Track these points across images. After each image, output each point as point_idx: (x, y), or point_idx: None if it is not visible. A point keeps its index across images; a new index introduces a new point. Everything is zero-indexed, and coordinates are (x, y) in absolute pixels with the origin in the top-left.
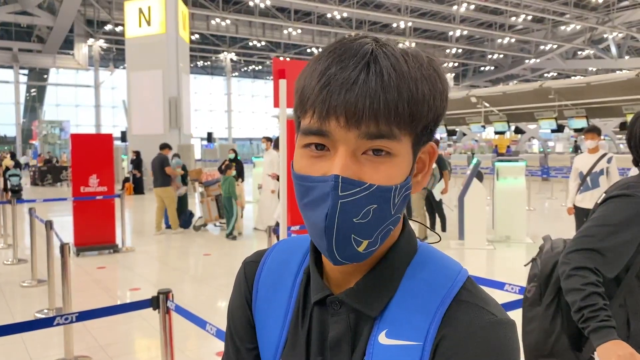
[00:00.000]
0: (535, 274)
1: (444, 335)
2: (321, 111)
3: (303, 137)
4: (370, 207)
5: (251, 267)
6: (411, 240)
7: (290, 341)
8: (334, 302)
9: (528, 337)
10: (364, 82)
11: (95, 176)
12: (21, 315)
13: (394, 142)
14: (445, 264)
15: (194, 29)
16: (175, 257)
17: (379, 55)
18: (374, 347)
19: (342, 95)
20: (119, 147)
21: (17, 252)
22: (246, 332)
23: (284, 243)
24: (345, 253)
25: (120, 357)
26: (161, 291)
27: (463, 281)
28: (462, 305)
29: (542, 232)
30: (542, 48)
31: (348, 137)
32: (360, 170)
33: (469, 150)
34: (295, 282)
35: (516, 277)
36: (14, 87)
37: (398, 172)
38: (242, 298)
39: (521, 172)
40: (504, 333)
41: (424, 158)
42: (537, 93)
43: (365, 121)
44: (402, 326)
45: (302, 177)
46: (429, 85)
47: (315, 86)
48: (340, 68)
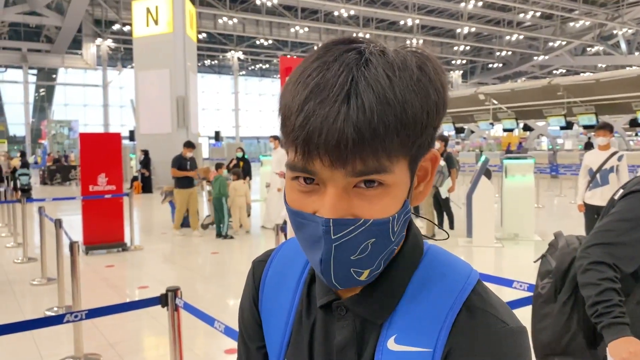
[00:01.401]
0: (548, 270)
1: (454, 343)
2: (304, 150)
3: (290, 171)
4: (367, 242)
5: (259, 267)
6: (417, 244)
7: (293, 342)
8: (339, 307)
9: (540, 334)
10: (345, 119)
11: (103, 175)
12: (31, 313)
13: (386, 175)
14: (454, 267)
15: (201, 28)
16: (183, 255)
17: (359, 83)
18: (383, 353)
19: (323, 135)
20: (127, 146)
21: (27, 251)
22: (254, 331)
23: (291, 242)
24: (347, 284)
25: (129, 355)
26: (170, 289)
27: (473, 285)
28: (472, 311)
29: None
30: (550, 45)
31: (335, 176)
32: (352, 206)
33: (477, 147)
34: (300, 282)
35: (524, 274)
36: (23, 87)
37: (393, 202)
38: (250, 298)
39: (530, 169)
40: (514, 341)
41: (425, 166)
42: (546, 90)
43: (351, 160)
44: (411, 332)
45: (294, 212)
46: (420, 102)
47: (295, 121)
48: (319, 102)
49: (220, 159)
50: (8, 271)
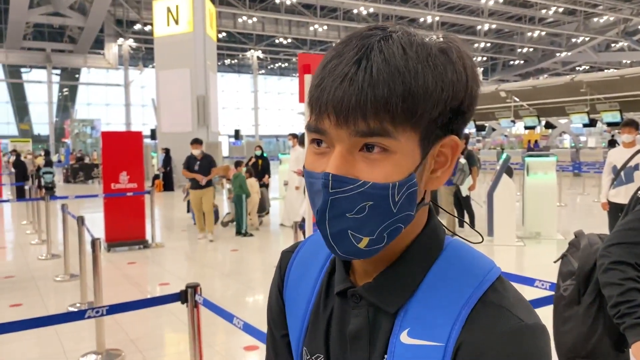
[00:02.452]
0: (570, 271)
1: (465, 339)
2: (317, 109)
3: (307, 134)
4: (365, 203)
5: (286, 257)
6: (436, 235)
7: (311, 329)
8: (354, 295)
9: (564, 337)
10: (352, 79)
11: (125, 173)
12: (55, 308)
13: (389, 140)
14: (475, 262)
15: (221, 27)
16: (203, 252)
17: (373, 50)
18: (396, 346)
19: (331, 93)
20: (149, 145)
21: (51, 248)
22: (280, 319)
23: (318, 235)
24: (344, 248)
25: (149, 351)
26: (189, 285)
27: (492, 280)
28: (487, 306)
29: (573, 229)
30: (573, 41)
31: (341, 135)
32: (355, 167)
33: (498, 145)
34: (322, 272)
35: (546, 273)
36: (47, 87)
37: (396, 169)
38: (276, 286)
39: (552, 167)
40: (530, 339)
41: (445, 152)
42: (569, 87)
43: (354, 119)
44: (424, 325)
45: (307, 172)
46: (434, 77)
47: (313, 84)
48: (336, 64)
49: (240, 157)
50: (33, 268)
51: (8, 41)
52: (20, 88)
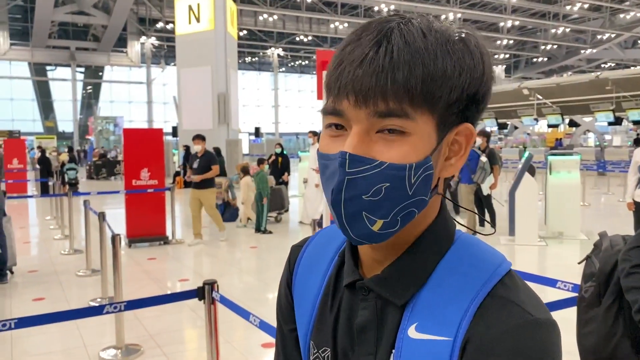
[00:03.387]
0: (592, 273)
1: (473, 333)
2: (335, 90)
3: (324, 118)
4: (381, 185)
5: (295, 251)
6: (446, 228)
7: (318, 323)
8: (362, 287)
9: (585, 339)
10: (372, 59)
11: (146, 170)
12: (76, 303)
13: (407, 121)
14: (485, 256)
15: (241, 25)
16: (222, 249)
17: (393, 32)
18: (404, 341)
19: (351, 73)
20: (170, 142)
21: (74, 243)
22: (288, 313)
23: (327, 229)
24: (358, 231)
25: (168, 346)
26: (207, 282)
27: (502, 275)
28: (496, 301)
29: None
30: (599, 37)
31: (359, 116)
32: (372, 148)
33: (520, 144)
34: (330, 265)
35: (569, 274)
36: (72, 85)
37: (413, 151)
38: (285, 280)
39: (575, 166)
40: (539, 334)
41: (459, 140)
42: (594, 84)
43: (374, 99)
44: (432, 320)
45: (322, 155)
46: (453, 62)
47: (332, 66)
48: (354, 48)
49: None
50: (56, 262)
51: (34, 40)
52: (45, 86)
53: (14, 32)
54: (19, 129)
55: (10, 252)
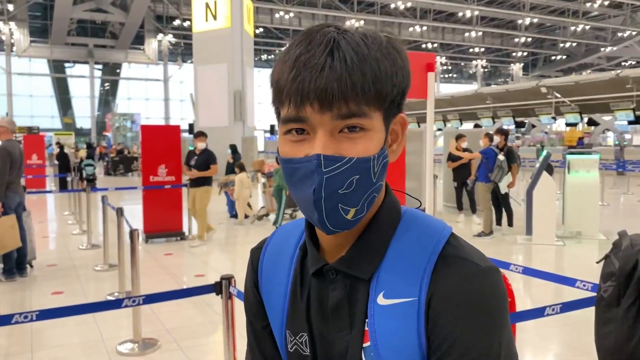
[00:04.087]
0: (611, 272)
1: (434, 289)
2: (296, 99)
3: (284, 126)
4: (353, 177)
5: (256, 253)
6: (395, 205)
7: (291, 313)
8: (330, 270)
9: (604, 340)
10: (330, 67)
11: (163, 166)
12: (94, 297)
13: (365, 119)
14: (429, 224)
15: (258, 22)
16: (239, 245)
17: (340, 42)
18: (375, 309)
19: (312, 82)
20: (187, 139)
21: (91, 238)
22: (259, 312)
23: (282, 228)
24: (335, 221)
25: (185, 341)
26: (224, 277)
27: (447, 237)
28: (447, 259)
29: (616, 229)
30: (619, 35)
31: (323, 120)
32: (339, 147)
33: (537, 142)
34: (293, 260)
35: (587, 274)
36: (90, 82)
37: (373, 144)
38: (251, 282)
39: (594, 165)
40: (486, 280)
41: (396, 129)
42: (613, 83)
43: (337, 103)
44: (396, 286)
45: (287, 160)
46: (389, 63)
47: (288, 77)
48: (308, 58)
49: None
50: (74, 257)
51: (53, 37)
52: (64, 82)
53: (33, 30)
54: (38, 125)
55: (30, 247)
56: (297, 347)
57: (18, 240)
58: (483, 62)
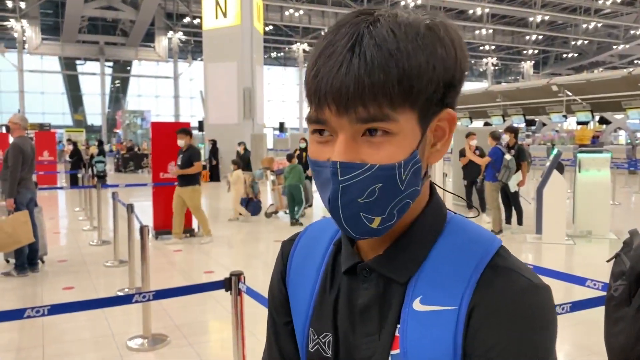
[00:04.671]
0: (622, 271)
1: (478, 300)
2: (315, 101)
3: (309, 125)
4: (374, 186)
5: (287, 245)
6: (440, 210)
7: (317, 309)
8: (364, 268)
9: (613, 339)
10: (347, 67)
11: (173, 163)
12: (104, 292)
13: (389, 123)
14: (479, 233)
15: (267, 20)
16: (247, 242)
17: (364, 36)
18: (409, 314)
19: (328, 83)
20: (196, 136)
21: (102, 234)
22: (282, 306)
23: (318, 222)
24: (358, 230)
25: (194, 337)
26: (233, 273)
27: (497, 248)
28: (496, 270)
29: (627, 228)
30: (632, 32)
31: (342, 123)
32: (360, 152)
33: (548, 141)
34: (325, 254)
35: (598, 273)
36: (100, 79)
37: (400, 149)
38: (279, 274)
39: (606, 164)
40: (538, 297)
41: (442, 126)
42: (626, 81)
43: (354, 107)
44: (436, 292)
45: (313, 161)
46: (426, 56)
47: (310, 74)
48: (330, 53)
49: (285, 150)
50: (84, 253)
51: (64, 34)
52: (75, 80)
53: (45, 27)
54: (50, 121)
55: (41, 242)
56: (319, 347)
57: (31, 236)
58: (493, 59)
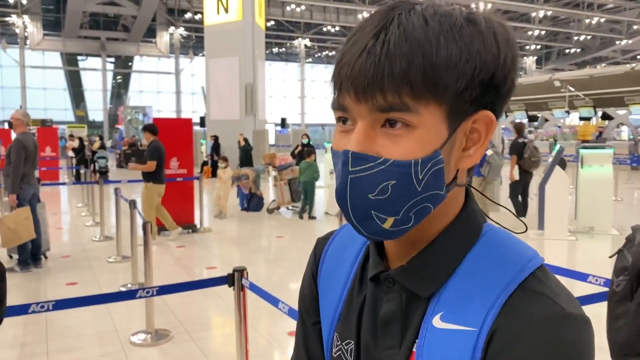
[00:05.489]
0: (624, 267)
1: (501, 324)
2: (337, 85)
3: (334, 112)
4: (387, 183)
5: (321, 244)
6: (473, 221)
7: (343, 315)
8: (387, 278)
9: (616, 334)
10: (369, 52)
11: (175, 159)
12: (107, 288)
13: (409, 114)
14: (516, 249)
15: (269, 15)
16: (250, 238)
17: (392, 23)
18: (428, 330)
19: (350, 68)
20: (198, 132)
21: (104, 230)
22: (312, 306)
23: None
24: (369, 229)
25: (197, 332)
26: (236, 269)
27: (533, 269)
28: (527, 293)
29: (629, 224)
30: (635, 28)
31: (361, 111)
32: (377, 143)
33: (551, 137)
34: (357, 258)
35: (600, 269)
36: (102, 75)
37: (419, 145)
38: (310, 272)
39: (608, 159)
40: (571, 328)
41: (478, 128)
42: (629, 76)
43: (372, 94)
44: (458, 310)
45: (333, 152)
46: (458, 47)
47: (337, 60)
48: (357, 39)
49: (286, 145)
50: (87, 249)
51: (66, 30)
52: (76, 75)
53: (46, 23)
54: (51, 117)
55: (44, 238)
56: (342, 353)
57: (32, 232)
58: None
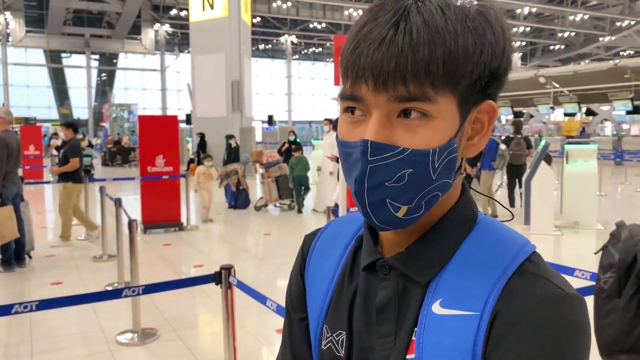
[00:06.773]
0: (611, 264)
1: (502, 306)
2: (352, 75)
3: (341, 102)
4: (404, 171)
5: (308, 239)
6: (470, 208)
7: (333, 306)
8: (383, 266)
9: (604, 331)
10: (391, 41)
11: (161, 157)
12: (93, 287)
13: (429, 104)
14: (511, 236)
15: (255, 12)
16: (237, 236)
17: (411, 11)
18: (427, 317)
19: (369, 57)
20: (184, 130)
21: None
22: (299, 301)
23: (341, 217)
24: (382, 218)
25: (184, 331)
26: (224, 267)
27: (528, 253)
28: (525, 276)
29: (613, 219)
30: (618, 25)
31: (378, 101)
32: (394, 134)
33: (536, 132)
34: (346, 250)
35: (586, 264)
36: (86, 72)
37: (437, 134)
38: (298, 268)
39: (593, 155)
40: (570, 307)
41: (482, 118)
42: (612, 72)
43: (393, 83)
44: (458, 295)
45: (342, 142)
46: (474, 39)
47: (348, 49)
48: (371, 28)
49: (274, 143)
50: (72, 247)
51: (49, 27)
52: (60, 73)
53: (29, 20)
54: (35, 115)
55: (29, 237)
56: (332, 345)
57: (16, 231)
58: None
